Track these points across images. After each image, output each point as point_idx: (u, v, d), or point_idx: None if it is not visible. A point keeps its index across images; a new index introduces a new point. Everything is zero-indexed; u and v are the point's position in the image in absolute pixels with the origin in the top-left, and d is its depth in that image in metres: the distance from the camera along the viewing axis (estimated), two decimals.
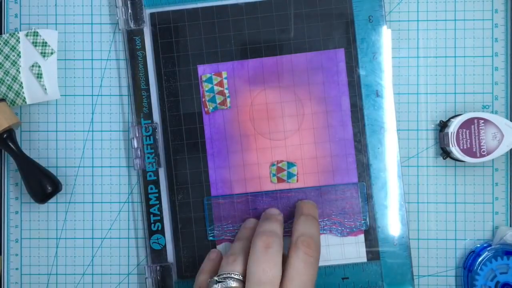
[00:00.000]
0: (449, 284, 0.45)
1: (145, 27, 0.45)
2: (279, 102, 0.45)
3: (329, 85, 0.45)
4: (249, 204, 0.45)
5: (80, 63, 0.46)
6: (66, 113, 0.47)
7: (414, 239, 0.45)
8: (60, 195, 0.46)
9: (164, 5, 0.45)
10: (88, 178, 0.47)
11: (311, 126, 0.45)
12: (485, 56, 0.45)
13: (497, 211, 0.45)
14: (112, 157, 0.46)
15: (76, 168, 0.47)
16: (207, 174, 0.45)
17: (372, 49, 0.44)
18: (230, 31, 0.45)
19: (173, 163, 0.45)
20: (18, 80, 0.45)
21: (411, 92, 0.45)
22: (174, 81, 0.45)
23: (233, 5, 0.45)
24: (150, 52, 0.45)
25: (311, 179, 0.45)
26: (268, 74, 0.45)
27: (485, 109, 0.45)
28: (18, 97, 0.45)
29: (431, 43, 0.45)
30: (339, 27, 0.44)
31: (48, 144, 0.47)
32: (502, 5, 0.45)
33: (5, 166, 0.47)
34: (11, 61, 0.45)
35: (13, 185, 0.47)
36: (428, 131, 0.45)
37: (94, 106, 0.46)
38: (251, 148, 0.45)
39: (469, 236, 0.45)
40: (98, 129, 0.46)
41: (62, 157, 0.47)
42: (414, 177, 0.45)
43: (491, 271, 0.44)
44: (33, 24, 0.46)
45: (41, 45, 0.46)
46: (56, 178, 0.45)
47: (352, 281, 0.44)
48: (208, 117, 0.45)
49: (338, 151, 0.45)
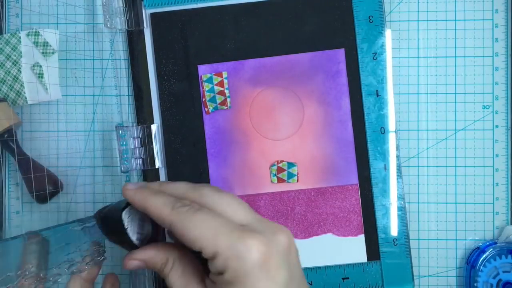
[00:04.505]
0: (450, 284, 0.45)
1: (145, 27, 0.45)
2: (280, 102, 0.45)
3: (329, 85, 0.45)
4: (250, 204, 0.45)
5: (81, 63, 0.47)
6: (67, 113, 0.47)
7: (414, 239, 0.45)
8: (61, 195, 0.46)
9: (164, 5, 0.45)
10: (89, 178, 0.47)
11: (311, 126, 0.45)
12: (485, 56, 0.45)
13: (497, 211, 0.45)
14: (113, 157, 0.46)
15: (77, 168, 0.47)
16: (207, 174, 0.45)
17: (372, 49, 0.44)
18: (230, 31, 0.45)
19: (173, 163, 0.45)
20: (19, 80, 0.46)
21: (411, 92, 0.45)
22: (174, 81, 0.45)
23: (233, 5, 0.45)
24: (150, 52, 0.45)
25: (311, 179, 0.45)
26: (268, 74, 0.45)
27: (485, 109, 0.45)
28: (19, 97, 0.46)
29: (431, 43, 0.45)
30: (339, 27, 0.44)
31: (49, 144, 0.47)
32: (502, 5, 0.45)
33: (6, 166, 0.47)
34: (12, 61, 0.46)
35: (14, 185, 0.47)
36: (428, 131, 0.45)
37: (95, 106, 0.47)
38: (252, 148, 0.45)
39: (470, 237, 0.45)
40: (98, 129, 0.47)
41: (63, 157, 0.47)
42: (414, 177, 0.45)
43: (494, 269, 0.44)
44: (34, 24, 0.47)
45: (42, 45, 0.46)
46: (57, 178, 0.45)
47: (352, 281, 0.44)
48: (208, 117, 0.45)
49: (338, 151, 0.45)
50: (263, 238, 0.29)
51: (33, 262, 0.34)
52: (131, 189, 0.33)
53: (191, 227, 0.30)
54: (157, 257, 0.33)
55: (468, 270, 0.44)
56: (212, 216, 0.30)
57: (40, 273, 0.33)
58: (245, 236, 0.29)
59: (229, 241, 0.29)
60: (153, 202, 0.32)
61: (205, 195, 0.32)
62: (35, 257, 0.34)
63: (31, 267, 0.33)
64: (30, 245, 0.34)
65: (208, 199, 0.31)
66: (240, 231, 0.29)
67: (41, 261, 0.34)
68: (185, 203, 0.31)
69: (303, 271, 0.46)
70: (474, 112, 0.45)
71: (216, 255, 0.29)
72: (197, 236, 0.29)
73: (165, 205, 0.31)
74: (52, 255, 0.34)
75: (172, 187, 0.33)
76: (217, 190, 0.32)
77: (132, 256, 0.34)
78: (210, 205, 0.31)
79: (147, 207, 0.32)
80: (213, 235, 0.29)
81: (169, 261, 0.33)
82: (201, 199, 0.32)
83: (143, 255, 0.34)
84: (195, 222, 0.30)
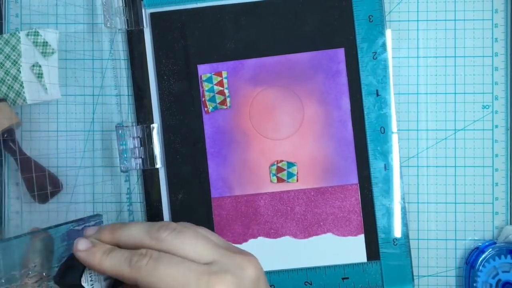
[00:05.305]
0: (449, 284, 0.45)
1: (145, 27, 0.45)
2: (279, 101, 0.45)
3: (329, 85, 0.45)
4: (250, 204, 0.45)
5: (81, 63, 0.47)
6: (67, 112, 0.47)
7: (414, 239, 0.45)
8: (61, 195, 0.46)
9: (164, 5, 0.45)
10: (89, 178, 0.47)
11: (311, 126, 0.45)
12: (485, 56, 0.45)
13: (497, 211, 0.45)
14: (113, 157, 0.46)
15: (77, 168, 0.47)
16: (207, 174, 0.45)
17: (372, 49, 0.44)
18: (230, 31, 0.45)
19: (173, 163, 0.45)
20: (19, 80, 0.46)
21: (411, 92, 0.45)
22: (174, 81, 0.45)
23: (233, 5, 0.45)
24: (150, 52, 0.45)
25: (311, 179, 0.45)
26: (268, 74, 0.45)
27: (485, 109, 0.45)
28: (19, 96, 0.46)
29: (431, 43, 0.45)
30: (339, 27, 0.44)
31: (48, 144, 0.47)
32: (502, 5, 0.45)
33: (5, 166, 0.47)
34: (12, 61, 0.46)
35: (13, 185, 0.47)
36: (428, 131, 0.45)
37: (94, 106, 0.47)
38: (251, 147, 0.45)
39: (469, 237, 0.45)
40: (98, 129, 0.47)
41: (63, 157, 0.47)
42: (413, 177, 0.45)
43: (494, 269, 0.44)
44: (34, 24, 0.47)
45: (42, 45, 0.46)
46: (56, 178, 0.45)
47: (352, 281, 0.44)
48: (208, 116, 0.45)
49: (338, 151, 0.45)
50: (231, 277, 0.28)
51: (36, 261, 0.33)
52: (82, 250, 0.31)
53: (157, 282, 0.28)
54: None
55: (467, 270, 0.44)
56: (174, 264, 0.29)
57: (43, 271, 0.33)
58: (215, 280, 0.28)
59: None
60: (108, 264, 0.30)
61: (163, 241, 0.30)
62: (39, 255, 0.33)
63: (34, 266, 0.33)
64: (35, 243, 0.33)
65: (167, 245, 0.30)
66: (207, 276, 0.28)
67: (45, 260, 0.34)
68: (142, 255, 0.29)
69: (303, 271, 0.46)
70: (473, 112, 0.45)
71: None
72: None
73: (121, 264, 0.29)
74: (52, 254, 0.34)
75: (126, 234, 0.31)
76: (175, 230, 0.30)
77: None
78: (171, 250, 0.29)
79: (105, 271, 0.30)
80: (182, 285, 0.28)
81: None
82: (160, 245, 0.30)
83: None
84: (158, 276, 0.28)
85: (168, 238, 0.30)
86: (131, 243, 0.30)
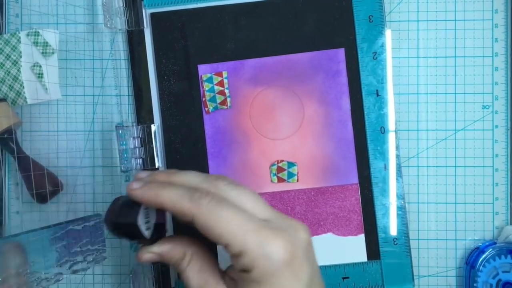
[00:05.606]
0: (449, 284, 0.45)
1: (145, 27, 0.45)
2: (280, 102, 0.45)
3: (329, 85, 0.45)
4: None
5: (81, 63, 0.47)
6: (67, 112, 0.47)
7: (414, 239, 0.45)
8: (61, 195, 0.46)
9: (164, 5, 0.45)
10: (89, 178, 0.47)
11: (311, 126, 0.45)
12: (485, 56, 0.45)
13: (497, 212, 0.45)
14: (113, 157, 0.46)
15: (77, 168, 0.47)
16: None
17: (372, 49, 0.44)
18: (230, 31, 0.45)
19: (173, 163, 0.45)
20: (19, 80, 0.46)
21: (411, 92, 0.45)
22: (174, 81, 0.45)
23: (233, 5, 0.45)
24: (150, 52, 0.45)
25: (311, 178, 0.45)
26: (269, 74, 0.45)
27: (485, 109, 0.45)
28: (19, 96, 0.46)
29: (431, 43, 0.45)
30: (339, 27, 0.44)
31: (49, 144, 0.47)
32: (502, 5, 0.45)
33: (5, 166, 0.47)
34: (12, 61, 0.46)
35: (13, 185, 0.47)
36: (428, 131, 0.45)
37: (95, 106, 0.47)
38: (252, 147, 0.45)
39: (469, 237, 0.45)
40: (98, 129, 0.47)
41: (63, 157, 0.47)
42: (414, 177, 0.45)
43: (494, 269, 0.44)
44: (34, 24, 0.47)
45: (42, 45, 0.46)
46: (57, 178, 0.45)
47: (353, 281, 0.44)
48: (209, 116, 0.45)
49: (338, 151, 0.45)
50: (289, 236, 0.28)
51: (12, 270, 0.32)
52: (137, 188, 0.31)
53: (217, 221, 0.28)
54: (174, 252, 0.32)
55: (467, 270, 0.45)
56: (236, 211, 0.28)
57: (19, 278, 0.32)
58: (273, 235, 0.28)
59: (258, 239, 0.27)
60: (167, 196, 0.29)
61: (221, 190, 0.29)
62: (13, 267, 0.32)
63: None
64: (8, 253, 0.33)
65: (225, 194, 0.29)
66: (267, 230, 0.28)
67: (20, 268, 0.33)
68: (204, 193, 0.29)
69: None
70: (473, 112, 0.45)
71: (244, 253, 0.28)
72: (224, 231, 0.28)
73: (181, 197, 0.29)
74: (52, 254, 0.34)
75: (183, 178, 0.31)
76: (233, 183, 0.30)
77: (148, 250, 0.32)
78: (229, 198, 0.29)
79: (162, 203, 0.29)
80: (241, 232, 0.27)
81: (186, 256, 0.32)
82: (217, 192, 0.29)
83: (160, 249, 0.32)
84: (220, 216, 0.28)
85: (226, 188, 0.29)
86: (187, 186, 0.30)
